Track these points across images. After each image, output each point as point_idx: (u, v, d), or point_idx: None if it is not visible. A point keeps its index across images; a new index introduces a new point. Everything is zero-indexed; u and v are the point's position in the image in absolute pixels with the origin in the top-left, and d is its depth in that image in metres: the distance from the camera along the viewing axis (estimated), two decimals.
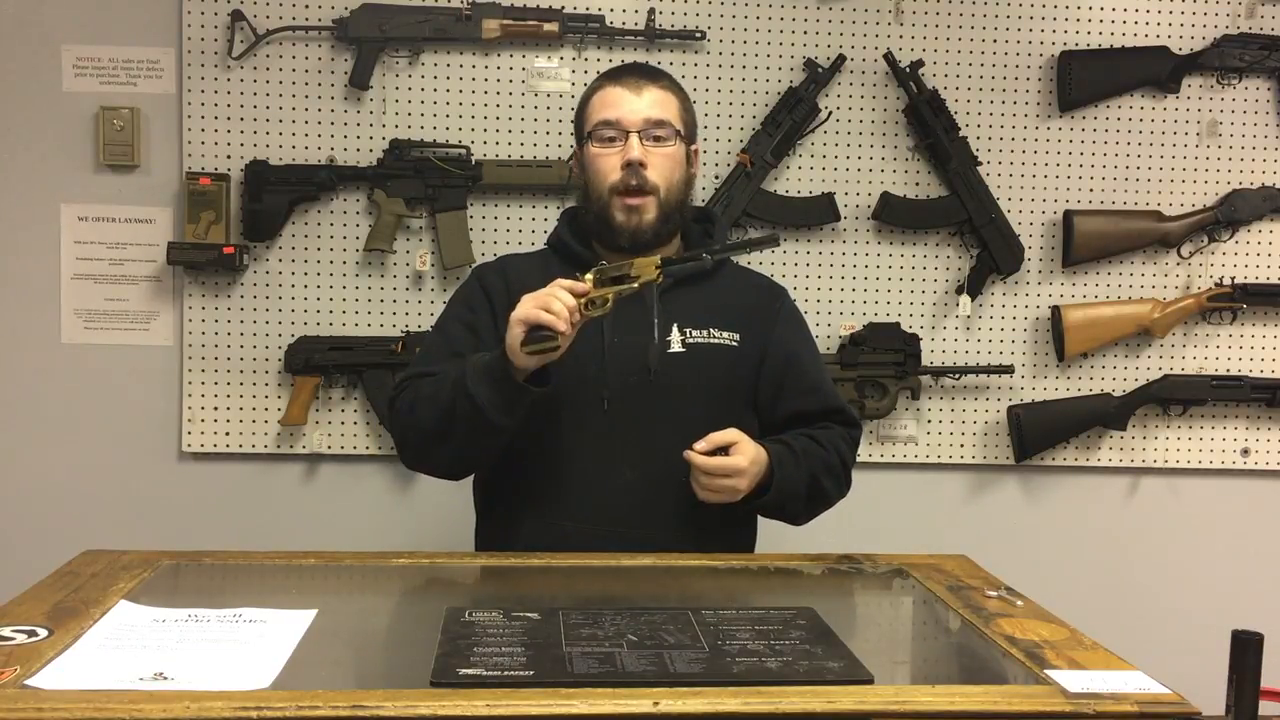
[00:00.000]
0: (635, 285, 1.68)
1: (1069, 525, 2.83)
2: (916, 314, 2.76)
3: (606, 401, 1.80)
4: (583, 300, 1.66)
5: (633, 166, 1.82)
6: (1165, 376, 2.79)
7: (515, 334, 1.64)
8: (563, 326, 1.62)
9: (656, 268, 1.68)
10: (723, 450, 1.72)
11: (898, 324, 2.73)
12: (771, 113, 2.67)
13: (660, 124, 1.84)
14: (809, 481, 1.82)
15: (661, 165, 1.84)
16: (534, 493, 1.83)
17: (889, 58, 2.67)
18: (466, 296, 1.93)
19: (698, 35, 2.65)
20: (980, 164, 2.71)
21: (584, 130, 1.89)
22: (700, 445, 1.72)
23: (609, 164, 1.84)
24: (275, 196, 2.58)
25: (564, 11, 2.63)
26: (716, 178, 2.67)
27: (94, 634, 1.30)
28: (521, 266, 1.95)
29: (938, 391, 2.78)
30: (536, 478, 1.82)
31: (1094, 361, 2.80)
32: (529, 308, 1.64)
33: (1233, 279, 2.80)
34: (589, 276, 1.68)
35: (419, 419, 1.77)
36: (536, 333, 1.63)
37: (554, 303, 1.63)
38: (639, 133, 1.83)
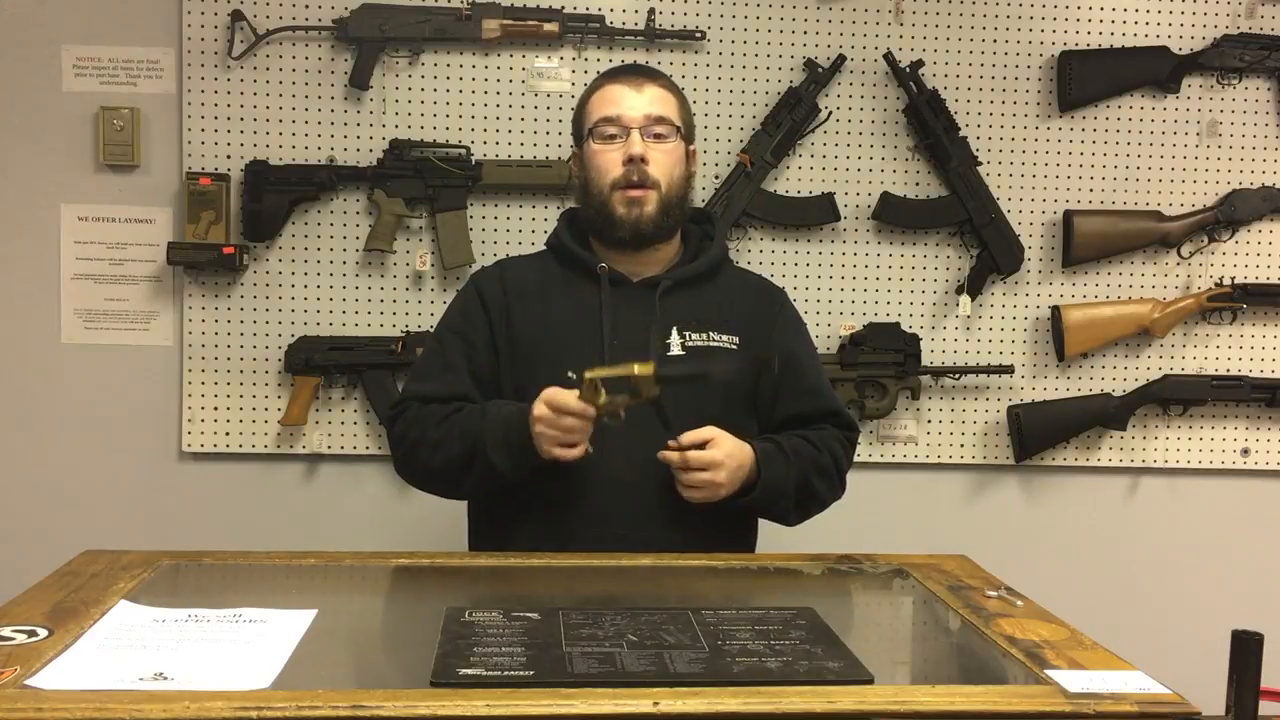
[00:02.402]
0: (643, 398, 1.63)
1: (1069, 525, 2.83)
2: (916, 314, 2.76)
3: None
4: (598, 412, 1.65)
5: (634, 162, 1.82)
6: (1165, 376, 2.79)
7: (545, 451, 1.70)
8: (583, 450, 1.69)
9: (656, 383, 1.62)
10: (699, 448, 1.72)
11: (898, 324, 2.73)
12: (771, 113, 2.67)
13: (661, 120, 1.85)
14: (799, 480, 1.82)
15: (663, 161, 1.84)
16: (532, 496, 1.82)
17: (889, 58, 2.67)
18: (463, 307, 1.93)
19: (698, 35, 2.65)
20: (980, 164, 2.71)
21: (584, 128, 1.89)
22: (674, 443, 1.72)
23: (610, 160, 1.84)
24: (275, 196, 2.58)
25: (564, 11, 2.63)
26: (716, 178, 2.67)
27: (94, 634, 1.29)
28: (520, 269, 1.95)
29: (938, 391, 2.78)
30: (534, 481, 1.82)
31: (1094, 361, 2.80)
32: (556, 448, 1.68)
33: (1233, 279, 2.80)
34: (586, 382, 1.64)
35: (427, 460, 1.81)
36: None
37: (576, 436, 1.67)
38: (640, 129, 1.83)
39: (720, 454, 1.72)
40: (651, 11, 2.64)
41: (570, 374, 1.67)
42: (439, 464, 1.80)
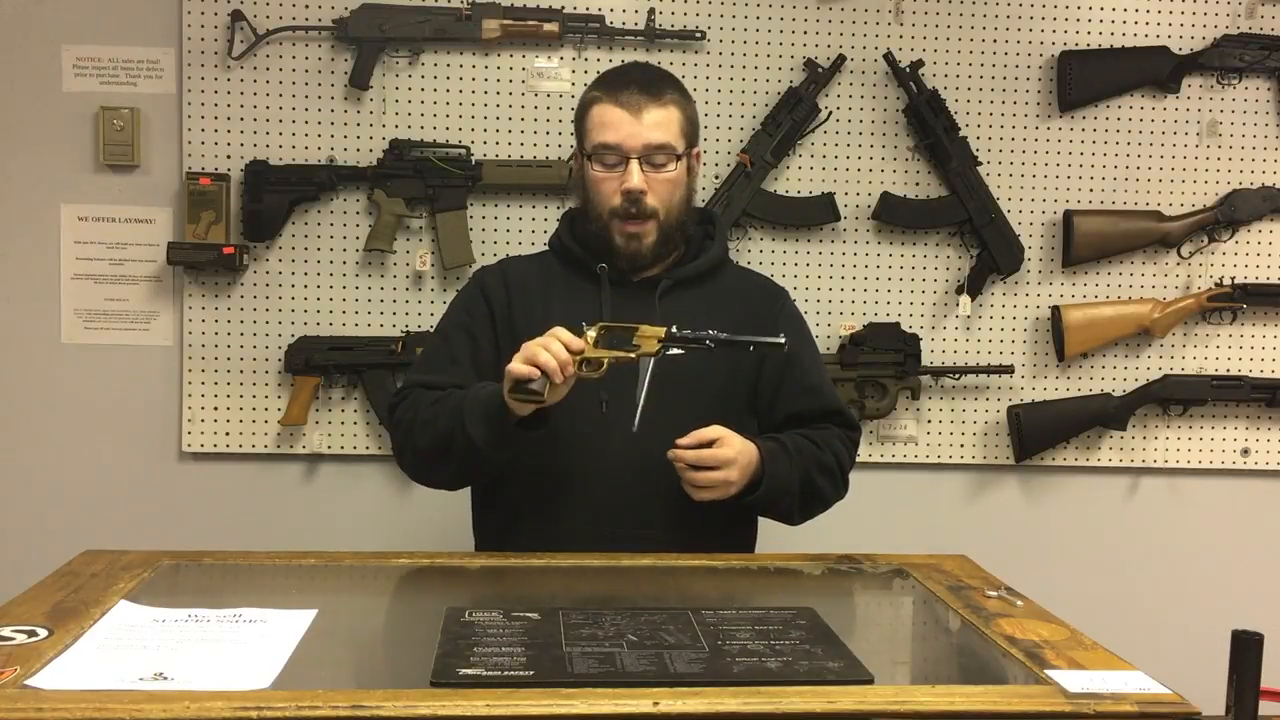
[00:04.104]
0: (633, 356, 1.65)
1: (1069, 525, 2.83)
2: (916, 314, 2.76)
3: (605, 404, 1.79)
4: (579, 358, 1.64)
5: (632, 195, 1.82)
6: (1165, 376, 2.79)
7: (506, 384, 1.64)
8: (556, 379, 1.62)
9: (659, 341, 1.66)
10: (707, 446, 1.72)
11: (898, 324, 2.73)
12: (771, 113, 2.67)
13: (661, 148, 1.83)
14: (803, 479, 1.82)
15: (661, 190, 1.84)
16: (532, 494, 1.83)
17: (889, 58, 2.67)
18: (466, 301, 1.94)
19: (698, 35, 2.65)
20: (980, 164, 2.71)
21: (583, 143, 1.89)
22: (684, 441, 1.72)
23: (609, 188, 1.83)
24: (275, 196, 2.58)
25: (564, 11, 2.63)
26: (716, 178, 2.67)
27: (94, 634, 1.30)
28: (522, 268, 1.96)
29: (938, 391, 2.78)
30: (535, 479, 1.82)
31: (1094, 361, 2.80)
32: (520, 363, 1.63)
33: (1233, 279, 2.80)
34: (591, 333, 1.66)
35: (416, 441, 1.80)
36: (524, 384, 1.63)
37: (540, 354, 1.62)
38: (640, 158, 1.82)
39: (731, 451, 1.73)
40: (651, 11, 2.64)
41: (584, 323, 1.68)
42: (427, 444, 1.78)
